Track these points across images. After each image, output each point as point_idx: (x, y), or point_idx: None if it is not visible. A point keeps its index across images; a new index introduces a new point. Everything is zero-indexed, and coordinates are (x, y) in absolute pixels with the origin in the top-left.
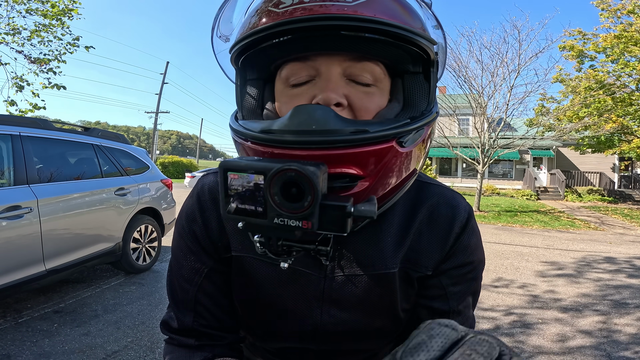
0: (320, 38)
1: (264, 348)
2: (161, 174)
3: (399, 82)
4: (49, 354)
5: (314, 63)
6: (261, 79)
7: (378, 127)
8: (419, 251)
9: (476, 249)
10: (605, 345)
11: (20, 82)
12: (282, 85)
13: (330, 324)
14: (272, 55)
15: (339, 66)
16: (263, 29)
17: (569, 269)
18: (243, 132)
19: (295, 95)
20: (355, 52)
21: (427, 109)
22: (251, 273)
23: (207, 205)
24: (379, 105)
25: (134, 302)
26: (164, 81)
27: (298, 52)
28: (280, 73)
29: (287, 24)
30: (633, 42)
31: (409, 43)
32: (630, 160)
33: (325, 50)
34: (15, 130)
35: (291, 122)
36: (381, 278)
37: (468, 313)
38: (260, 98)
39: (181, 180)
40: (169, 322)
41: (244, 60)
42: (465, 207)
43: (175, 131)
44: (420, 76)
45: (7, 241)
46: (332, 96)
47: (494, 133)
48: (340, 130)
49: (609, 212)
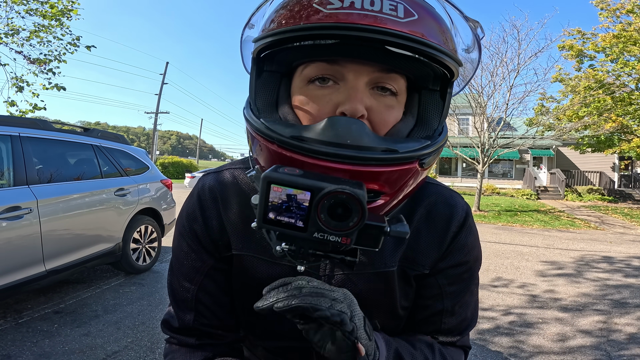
0: (359, 46)
1: (265, 347)
2: (161, 175)
3: (416, 97)
4: (49, 355)
5: (342, 68)
6: (279, 72)
7: (406, 148)
8: (417, 250)
9: (473, 248)
10: (605, 345)
11: (20, 83)
12: (302, 83)
13: None
14: (303, 53)
15: (366, 76)
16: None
17: (569, 268)
18: (270, 135)
19: (317, 96)
20: (386, 64)
21: (439, 129)
22: (251, 271)
23: (207, 205)
24: (396, 118)
25: (134, 303)
26: (164, 81)
27: (331, 55)
28: (303, 70)
29: (340, 28)
30: (632, 41)
31: (440, 64)
32: (630, 159)
33: (359, 59)
34: (15, 131)
35: (326, 134)
36: (380, 276)
37: (464, 314)
38: (276, 92)
39: (181, 180)
40: (170, 321)
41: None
42: (463, 206)
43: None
44: (437, 94)
45: (7, 242)
46: (359, 108)
47: (494, 133)
48: (373, 147)
49: (609, 212)
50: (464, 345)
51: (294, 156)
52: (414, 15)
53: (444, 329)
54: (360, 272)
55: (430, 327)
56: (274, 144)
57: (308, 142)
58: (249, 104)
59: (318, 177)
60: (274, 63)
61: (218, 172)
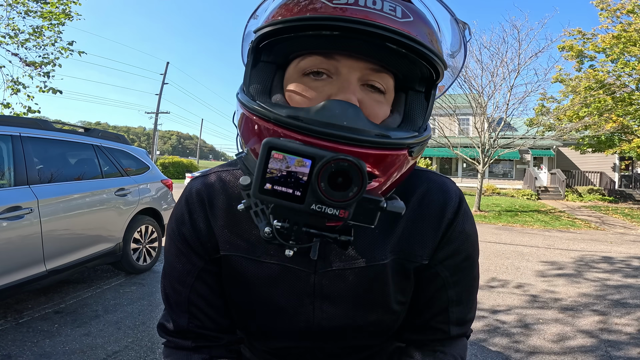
0: (357, 41)
1: (263, 349)
2: (161, 175)
3: (402, 97)
4: (49, 355)
5: (337, 63)
6: (275, 63)
7: (397, 135)
8: (412, 240)
9: (471, 234)
10: (605, 345)
11: (16, 85)
12: (297, 75)
13: (324, 320)
14: (301, 44)
15: (359, 72)
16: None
17: (569, 268)
18: (266, 114)
19: (310, 87)
20: (379, 61)
21: (423, 127)
22: (240, 272)
23: (194, 208)
24: (384, 114)
25: (134, 303)
26: (164, 81)
27: (328, 48)
28: (299, 63)
29: (345, 20)
30: (632, 42)
31: (429, 63)
32: (630, 159)
33: (355, 53)
34: (16, 130)
35: (323, 114)
36: (370, 270)
37: (471, 301)
38: (270, 81)
39: (181, 180)
40: (165, 324)
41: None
42: (455, 191)
43: (175, 131)
44: (422, 95)
45: (8, 242)
46: (352, 98)
47: (494, 133)
48: (367, 131)
49: (610, 212)
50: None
51: (291, 134)
52: (410, 17)
53: (454, 319)
54: (349, 267)
55: (440, 319)
56: (269, 123)
57: (304, 121)
58: (242, 89)
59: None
60: (271, 54)
61: (205, 176)
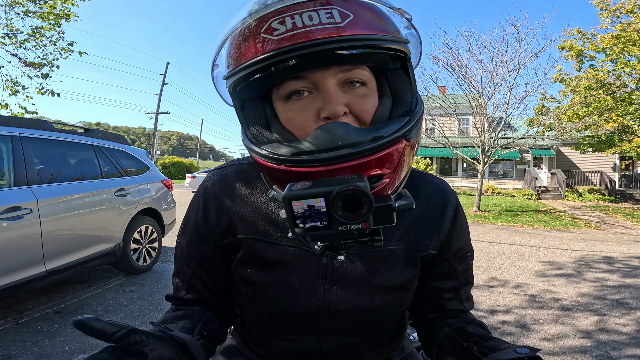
0: (316, 59)
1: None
2: (161, 175)
3: (384, 80)
4: (49, 355)
5: (310, 80)
6: (258, 97)
7: (390, 131)
8: (419, 232)
9: (467, 229)
10: (605, 345)
11: (15, 86)
12: (282, 101)
13: (334, 303)
14: (271, 78)
15: (333, 78)
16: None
17: (569, 268)
18: (275, 158)
19: (299, 108)
20: (346, 64)
21: (414, 101)
22: (257, 254)
23: (209, 197)
24: (374, 105)
25: (134, 303)
26: (164, 82)
27: (296, 72)
28: (278, 91)
29: (292, 51)
30: (631, 42)
31: (391, 49)
32: (630, 159)
33: (321, 67)
34: (16, 131)
35: (319, 142)
36: (379, 255)
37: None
38: (264, 116)
39: (181, 180)
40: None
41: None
42: (452, 192)
43: (175, 132)
44: (400, 71)
45: (8, 242)
46: (338, 109)
47: (494, 133)
48: (361, 141)
49: (610, 212)
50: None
51: (301, 170)
52: (350, 15)
53: (464, 297)
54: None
55: (454, 301)
56: (281, 165)
57: (307, 154)
58: (244, 134)
59: (326, 182)
60: (250, 91)
61: (224, 168)
